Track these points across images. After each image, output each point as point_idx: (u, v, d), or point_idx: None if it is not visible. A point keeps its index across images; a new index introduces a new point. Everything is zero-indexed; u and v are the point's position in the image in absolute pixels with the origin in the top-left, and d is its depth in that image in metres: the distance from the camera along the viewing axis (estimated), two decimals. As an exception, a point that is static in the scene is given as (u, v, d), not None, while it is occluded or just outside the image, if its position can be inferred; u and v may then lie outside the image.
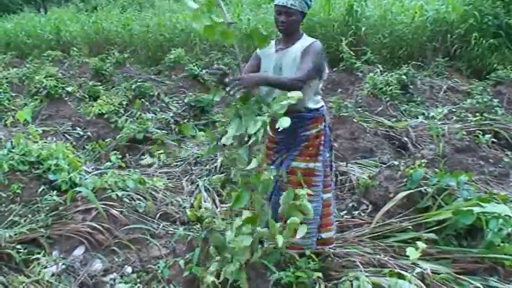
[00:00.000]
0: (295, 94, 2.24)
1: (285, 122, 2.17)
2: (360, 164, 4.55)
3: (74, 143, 5.50)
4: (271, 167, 2.79)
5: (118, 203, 3.44)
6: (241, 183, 2.33)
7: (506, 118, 5.55)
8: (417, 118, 6.14)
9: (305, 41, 2.64)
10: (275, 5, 2.56)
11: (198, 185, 4.19)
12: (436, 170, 3.53)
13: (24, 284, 2.66)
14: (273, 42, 2.74)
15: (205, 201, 3.81)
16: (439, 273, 2.52)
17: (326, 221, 2.79)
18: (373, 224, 3.19)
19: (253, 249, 2.36)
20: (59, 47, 14.04)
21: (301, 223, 2.45)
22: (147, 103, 6.79)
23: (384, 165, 4.12)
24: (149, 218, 3.49)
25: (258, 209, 2.31)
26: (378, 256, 2.75)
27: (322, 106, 2.77)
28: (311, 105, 2.69)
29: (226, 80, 2.34)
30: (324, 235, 2.78)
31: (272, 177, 2.30)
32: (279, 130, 2.22)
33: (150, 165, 4.86)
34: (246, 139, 2.28)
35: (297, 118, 2.54)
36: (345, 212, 3.62)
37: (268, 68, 2.67)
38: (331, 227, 2.84)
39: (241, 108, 2.29)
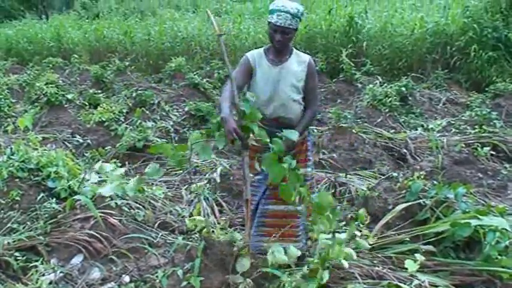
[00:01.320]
0: None
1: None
2: (359, 175, 4.56)
3: (74, 151, 5.50)
4: (259, 176, 2.81)
5: (117, 212, 3.44)
6: None
7: (505, 131, 5.57)
8: (416, 130, 6.15)
9: (299, 55, 2.79)
10: (272, 23, 2.60)
11: (197, 194, 4.19)
12: (435, 182, 3.54)
13: (21, 292, 2.66)
14: (261, 51, 2.81)
15: (204, 211, 3.80)
16: (437, 286, 2.52)
17: None
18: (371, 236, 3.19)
19: None
20: (59, 54, 14.09)
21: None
22: (147, 111, 6.80)
23: (383, 177, 4.12)
24: (148, 227, 3.48)
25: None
26: (377, 268, 2.74)
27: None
28: (299, 117, 2.83)
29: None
30: (311, 234, 2.81)
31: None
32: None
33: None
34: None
35: (286, 128, 2.60)
36: (343, 223, 3.62)
37: (266, 81, 2.74)
38: None
39: None
